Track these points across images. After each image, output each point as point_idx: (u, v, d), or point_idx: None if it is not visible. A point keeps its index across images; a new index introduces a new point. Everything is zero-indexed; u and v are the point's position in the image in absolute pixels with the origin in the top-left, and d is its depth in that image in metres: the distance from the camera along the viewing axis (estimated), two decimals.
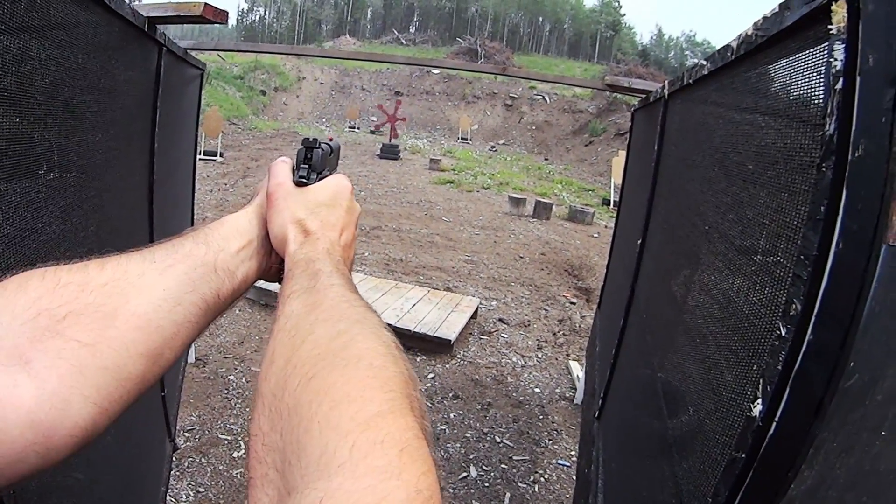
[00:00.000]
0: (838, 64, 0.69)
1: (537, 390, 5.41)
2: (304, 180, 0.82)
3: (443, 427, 4.65)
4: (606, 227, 12.64)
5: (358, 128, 29.88)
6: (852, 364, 0.65)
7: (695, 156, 1.76)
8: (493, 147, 29.05)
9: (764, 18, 1.06)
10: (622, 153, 12.10)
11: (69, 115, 1.28)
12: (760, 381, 0.77)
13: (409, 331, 5.73)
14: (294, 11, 78.40)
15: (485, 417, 4.85)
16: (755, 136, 1.14)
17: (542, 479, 4.14)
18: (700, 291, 1.42)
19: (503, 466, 4.23)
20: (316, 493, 0.36)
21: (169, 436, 3.17)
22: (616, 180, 15.03)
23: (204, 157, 15.02)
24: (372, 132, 28.43)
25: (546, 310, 7.51)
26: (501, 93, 33.28)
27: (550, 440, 4.62)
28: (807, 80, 0.83)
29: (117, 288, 0.60)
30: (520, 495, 3.96)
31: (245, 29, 79.72)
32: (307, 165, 0.84)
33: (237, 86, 30.09)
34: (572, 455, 4.39)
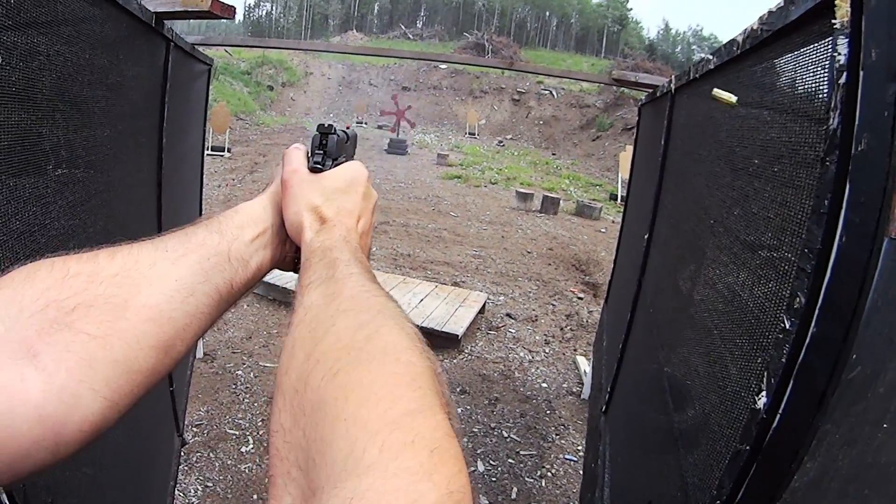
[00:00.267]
0: (842, 58, 0.69)
1: (544, 385, 5.41)
2: (319, 166, 0.80)
3: None
4: (614, 222, 12.62)
5: (365, 123, 29.84)
6: (855, 357, 0.65)
7: (701, 150, 1.75)
8: (501, 142, 28.98)
9: (769, 13, 1.06)
10: (629, 148, 12.05)
11: (77, 111, 1.29)
12: (765, 374, 0.78)
13: (417, 326, 5.71)
14: (301, 6, 78.37)
15: (492, 412, 4.85)
16: (761, 131, 1.14)
17: (549, 474, 4.15)
18: (706, 286, 1.42)
19: (510, 461, 4.24)
20: (345, 494, 0.35)
21: (177, 430, 3.19)
22: (623, 175, 15.01)
23: (211, 153, 15.07)
24: (379, 127, 28.43)
25: (553, 305, 7.51)
26: (509, 87, 33.18)
27: (557, 435, 4.63)
28: (811, 75, 0.83)
29: (128, 278, 0.58)
30: (527, 490, 3.97)
31: (252, 24, 79.75)
32: (322, 151, 0.82)
33: (244, 81, 30.13)
34: (579, 450, 4.39)
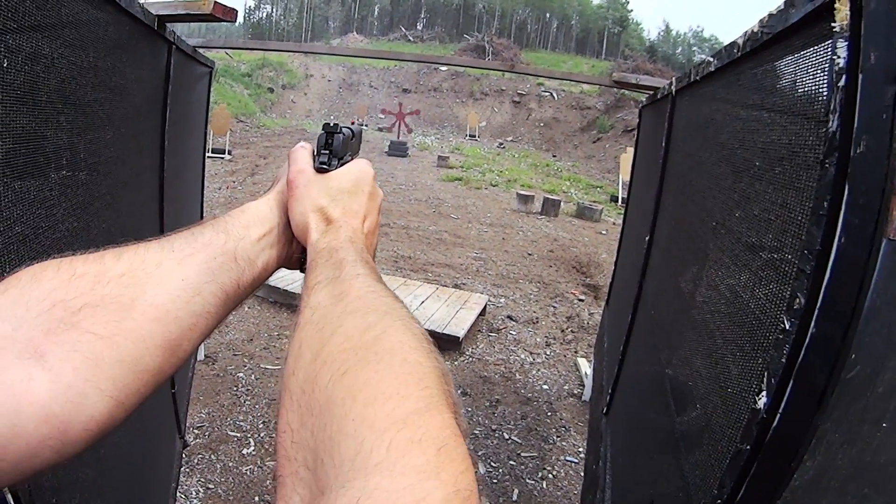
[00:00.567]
0: (841, 61, 0.70)
1: (545, 387, 5.41)
2: (325, 166, 0.80)
3: None
4: (615, 224, 12.62)
5: (366, 125, 29.87)
6: (854, 356, 0.66)
7: (702, 152, 1.76)
8: (501, 144, 29.02)
9: (769, 16, 1.06)
10: (630, 150, 12.06)
11: (80, 114, 1.29)
12: (765, 375, 0.78)
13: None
14: (301, 8, 78.46)
15: (493, 414, 4.86)
16: (761, 133, 1.15)
17: (551, 476, 4.15)
18: (707, 287, 1.43)
19: (511, 463, 4.24)
20: (353, 493, 0.36)
21: (179, 432, 3.19)
22: (624, 177, 15.00)
23: (212, 155, 15.07)
24: (380, 129, 28.45)
25: (554, 307, 7.51)
26: (509, 89, 33.21)
27: (558, 437, 4.63)
28: (811, 77, 0.84)
29: (134, 278, 0.58)
30: (528, 492, 3.97)
31: (252, 26, 79.82)
32: (328, 151, 0.82)
33: (245, 83, 30.20)
34: (580, 451, 4.39)
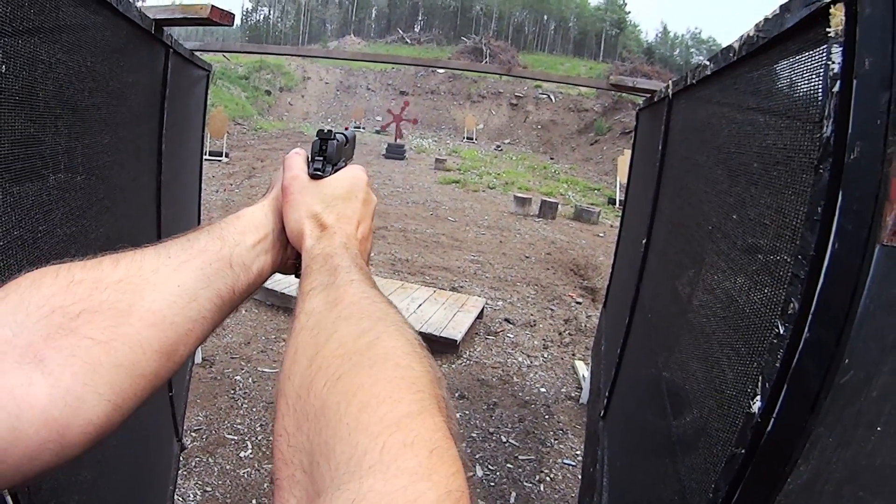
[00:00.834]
0: (836, 67, 0.70)
1: (543, 390, 5.41)
2: (320, 173, 0.81)
3: None
4: (612, 227, 12.62)
5: (363, 128, 29.88)
6: (847, 361, 0.66)
7: (698, 155, 1.76)
8: (499, 146, 29.03)
9: (765, 20, 1.07)
10: (627, 152, 12.08)
11: (78, 118, 1.29)
12: (760, 379, 0.78)
13: (416, 331, 5.71)
14: (298, 11, 78.45)
15: (490, 417, 4.85)
16: (757, 137, 1.15)
17: (548, 479, 4.15)
18: (703, 290, 1.43)
19: (509, 466, 4.24)
20: (347, 495, 0.36)
21: (176, 435, 3.18)
22: (621, 179, 15.02)
23: (209, 158, 15.06)
24: (377, 132, 28.47)
25: (552, 309, 7.51)
26: (507, 92, 33.24)
27: (556, 440, 4.63)
28: (806, 82, 0.84)
29: (131, 284, 0.60)
30: (525, 494, 3.97)
31: (249, 29, 79.76)
32: (322, 157, 0.83)
33: (242, 86, 30.17)
34: (578, 454, 4.39)
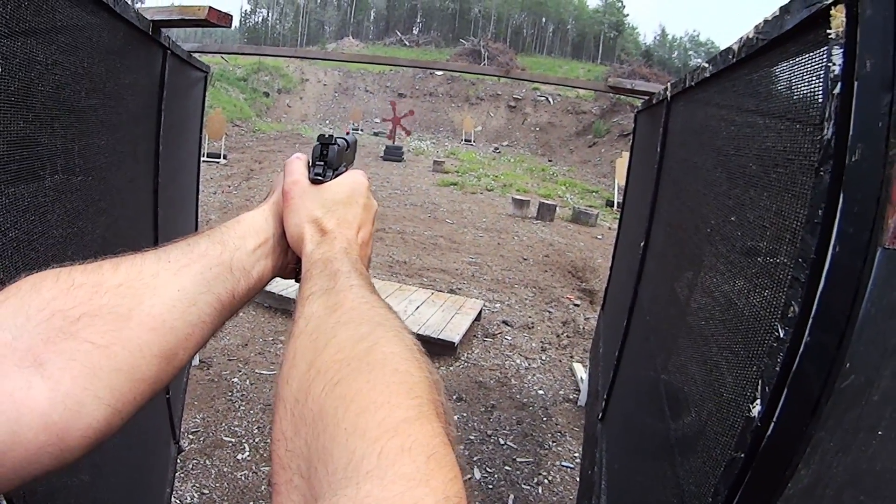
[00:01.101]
0: (836, 68, 0.70)
1: (541, 392, 5.41)
2: (320, 178, 0.81)
3: None
4: (610, 229, 12.63)
5: (361, 129, 29.88)
6: (848, 365, 0.66)
7: (697, 158, 1.76)
8: (497, 148, 29.04)
9: (765, 22, 1.06)
10: (626, 154, 12.10)
11: (75, 119, 1.29)
12: (759, 382, 0.78)
13: (413, 333, 5.69)
14: (297, 13, 78.51)
15: (488, 419, 4.85)
16: (756, 139, 1.15)
17: (546, 481, 4.14)
18: (702, 293, 1.43)
19: (507, 468, 4.24)
20: (344, 501, 0.36)
21: (174, 438, 3.17)
22: (620, 182, 15.04)
23: (207, 159, 15.06)
24: (375, 134, 28.47)
25: (550, 312, 7.50)
26: (505, 94, 33.28)
27: (554, 442, 4.62)
28: (806, 84, 0.83)
29: (131, 289, 0.60)
30: (523, 497, 3.96)
31: (248, 30, 79.80)
32: (323, 162, 0.83)
33: (240, 88, 30.16)
34: (576, 457, 4.39)
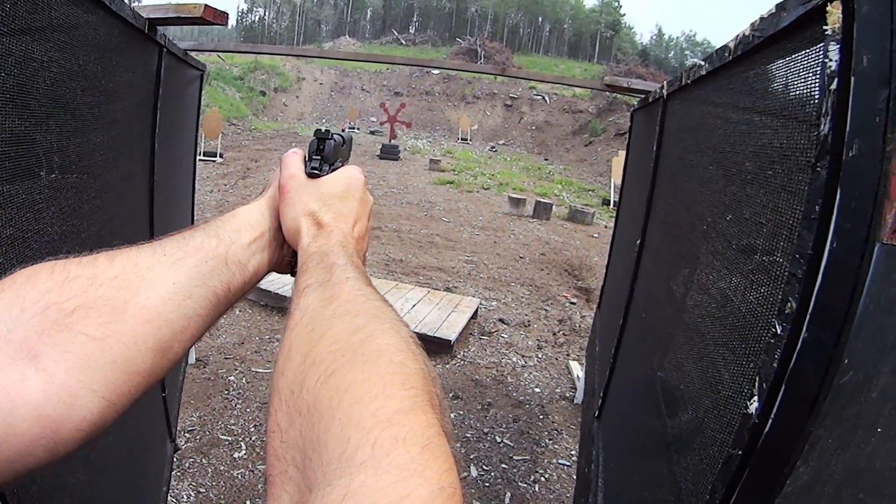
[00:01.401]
0: (833, 64, 0.70)
1: (537, 390, 5.41)
2: (317, 172, 0.82)
3: None
4: (606, 227, 12.64)
5: (357, 128, 29.84)
6: (846, 361, 0.66)
7: (693, 156, 1.76)
8: (493, 147, 29.04)
9: (761, 19, 1.06)
10: (622, 153, 12.09)
11: (70, 117, 1.28)
12: (757, 379, 0.78)
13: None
14: (293, 12, 78.39)
15: (485, 417, 4.85)
16: (753, 136, 1.15)
17: (543, 479, 4.14)
18: (698, 291, 1.43)
19: (504, 466, 4.24)
20: (338, 491, 0.36)
21: (170, 436, 3.17)
22: (616, 180, 15.04)
23: (204, 158, 15.03)
24: (372, 133, 28.45)
25: (546, 310, 7.51)
26: (501, 93, 33.28)
27: (551, 440, 4.63)
28: (803, 81, 0.84)
29: (127, 281, 0.59)
30: (520, 495, 3.96)
31: (244, 29, 79.67)
32: (319, 157, 0.83)
33: (237, 86, 30.11)
34: (572, 454, 4.39)
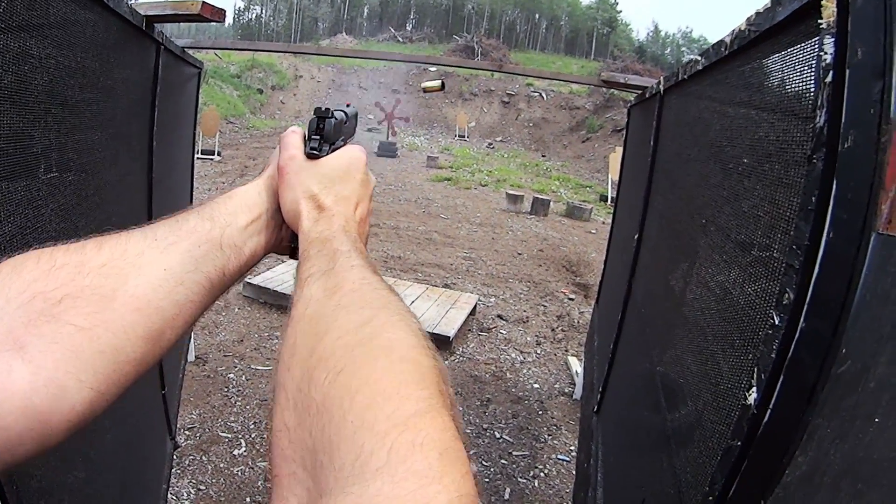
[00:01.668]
0: (828, 57, 0.70)
1: (536, 386, 5.42)
2: (316, 152, 0.78)
3: None
4: (604, 223, 12.66)
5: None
6: (844, 351, 0.66)
7: (690, 150, 1.76)
8: (491, 144, 29.03)
9: (756, 14, 1.07)
10: (619, 149, 12.09)
11: (68, 114, 1.28)
12: (755, 370, 0.78)
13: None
14: (291, 9, 78.20)
15: (484, 413, 4.86)
16: (749, 130, 1.15)
17: (542, 474, 4.16)
18: (697, 284, 1.43)
19: (503, 462, 4.25)
20: (353, 498, 0.35)
21: (170, 434, 3.17)
22: (613, 176, 15.04)
23: (201, 156, 15.00)
24: (369, 130, 28.42)
25: (544, 306, 7.52)
26: (498, 90, 33.24)
27: (550, 435, 4.64)
28: (798, 74, 0.84)
29: (115, 269, 0.58)
30: (520, 490, 3.97)
31: (242, 27, 79.44)
32: (319, 136, 0.80)
33: (234, 84, 30.03)
34: (572, 450, 4.40)
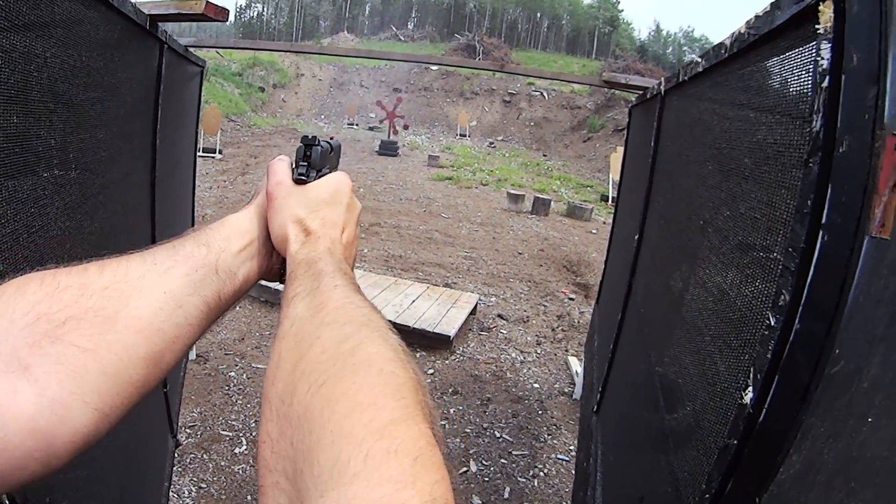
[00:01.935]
0: (825, 62, 0.71)
1: (536, 385, 5.43)
2: (304, 178, 0.81)
3: (442, 423, 4.63)
4: (605, 224, 12.67)
5: (357, 124, 29.84)
6: (837, 352, 0.67)
7: (690, 152, 1.77)
8: (492, 143, 29.02)
9: (756, 18, 1.08)
10: (620, 149, 12.10)
11: (72, 113, 1.29)
12: (751, 370, 0.80)
13: (409, 327, 5.74)
14: (292, 8, 78.16)
15: (484, 413, 4.87)
16: (748, 133, 1.16)
17: (542, 474, 4.17)
18: (695, 285, 1.44)
19: (503, 461, 4.26)
20: (330, 502, 0.37)
21: (171, 432, 3.18)
22: (614, 176, 15.05)
23: (203, 154, 15.03)
24: (370, 129, 28.43)
25: (545, 305, 7.53)
26: (500, 89, 33.23)
27: (549, 435, 4.65)
28: (796, 78, 0.85)
29: (117, 291, 0.59)
30: (519, 489, 3.98)
31: (243, 25, 79.41)
32: (306, 163, 0.83)
33: (236, 83, 30.06)
34: (571, 449, 4.41)
